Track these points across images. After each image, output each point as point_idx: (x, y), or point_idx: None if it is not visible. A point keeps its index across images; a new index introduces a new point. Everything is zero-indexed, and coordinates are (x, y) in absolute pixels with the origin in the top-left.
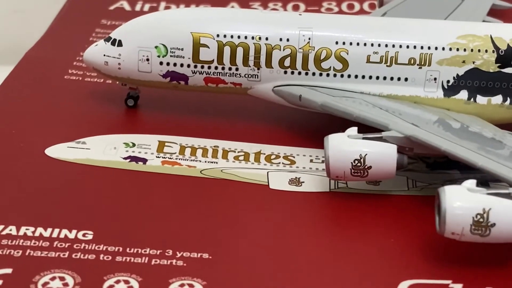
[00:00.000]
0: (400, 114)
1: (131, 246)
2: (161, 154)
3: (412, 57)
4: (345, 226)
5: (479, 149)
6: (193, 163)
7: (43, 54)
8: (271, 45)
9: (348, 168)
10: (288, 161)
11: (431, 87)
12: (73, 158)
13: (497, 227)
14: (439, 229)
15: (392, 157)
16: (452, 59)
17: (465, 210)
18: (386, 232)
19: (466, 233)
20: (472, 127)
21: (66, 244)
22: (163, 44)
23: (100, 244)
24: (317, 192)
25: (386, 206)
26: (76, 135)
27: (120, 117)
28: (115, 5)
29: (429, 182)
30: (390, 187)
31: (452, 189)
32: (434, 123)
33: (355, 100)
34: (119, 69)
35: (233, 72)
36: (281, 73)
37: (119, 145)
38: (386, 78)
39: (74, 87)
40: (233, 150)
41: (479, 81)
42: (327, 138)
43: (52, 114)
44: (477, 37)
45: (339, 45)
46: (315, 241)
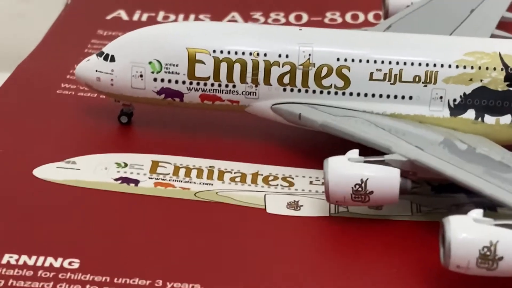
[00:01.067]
0: (403, 134)
1: (119, 276)
2: (154, 175)
3: (417, 75)
4: (345, 254)
5: (486, 173)
6: (187, 184)
7: (36, 66)
8: (269, 61)
9: (349, 193)
10: (286, 183)
11: (436, 106)
12: (62, 179)
13: (505, 261)
14: (443, 261)
15: (395, 182)
16: (459, 77)
17: (471, 243)
18: (389, 262)
19: (472, 266)
20: (479, 148)
21: (51, 274)
22: (157, 60)
23: (86, 273)
24: (316, 217)
25: (389, 233)
26: (66, 154)
27: (112, 135)
28: (112, 15)
29: (434, 206)
30: (392, 212)
31: (458, 220)
32: (439, 144)
33: (357, 120)
34: (112, 85)
35: (230, 89)
36: (280, 91)
37: (110, 165)
38: (390, 97)
39: (66, 102)
40: (230, 171)
41: (487, 100)
42: (326, 161)
43: (42, 131)
44: (485, 54)
45: (340, 61)
46: (313, 270)
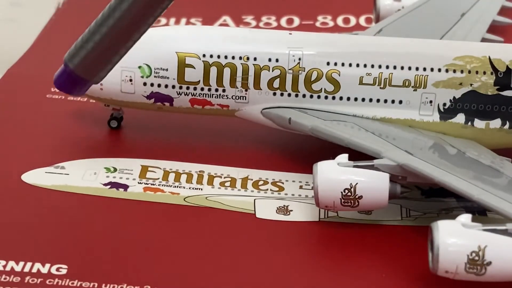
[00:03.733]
0: (393, 139)
1: (107, 282)
2: (144, 180)
3: (406, 79)
4: (334, 259)
5: (476, 178)
6: (177, 189)
7: (26, 70)
8: (259, 65)
9: (338, 198)
10: (276, 188)
11: (426, 110)
12: (51, 184)
13: (493, 266)
14: (432, 266)
15: (384, 186)
16: (449, 81)
17: (460, 248)
18: (378, 267)
19: (461, 271)
20: (468, 153)
21: (39, 280)
22: (146, 64)
23: (74, 279)
24: (306, 222)
25: (378, 237)
26: (55, 159)
27: (102, 139)
28: None
29: (424, 211)
30: (382, 217)
31: (446, 225)
32: (429, 149)
33: (346, 124)
34: (101, 89)
35: (220, 94)
36: (270, 95)
37: (99, 170)
38: (380, 101)
39: (55, 107)
40: (219, 176)
41: (477, 104)
42: (316, 166)
43: (31, 136)
44: (475, 59)
45: (330, 66)
46: (303, 274)
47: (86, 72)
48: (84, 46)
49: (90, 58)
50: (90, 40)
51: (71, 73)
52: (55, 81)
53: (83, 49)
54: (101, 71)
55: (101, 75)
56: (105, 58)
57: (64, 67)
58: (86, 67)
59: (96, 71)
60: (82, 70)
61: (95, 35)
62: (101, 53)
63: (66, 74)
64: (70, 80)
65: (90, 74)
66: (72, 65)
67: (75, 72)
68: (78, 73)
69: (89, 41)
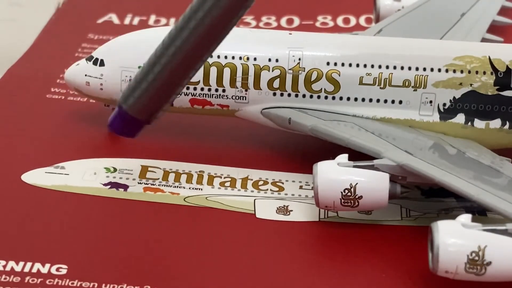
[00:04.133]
0: (393, 139)
1: (107, 281)
2: (144, 180)
3: (406, 79)
4: (334, 259)
5: (475, 178)
6: (177, 189)
7: (26, 70)
8: (259, 65)
9: (338, 198)
10: (276, 188)
11: (426, 110)
12: (51, 184)
13: (493, 266)
14: (432, 266)
15: (384, 186)
16: (449, 81)
17: (459, 248)
18: (378, 267)
19: (461, 271)
20: (468, 153)
21: (38, 280)
22: None
23: (74, 279)
24: (306, 222)
25: (378, 237)
26: (55, 159)
27: (102, 140)
28: (103, 18)
29: (424, 211)
30: (382, 217)
31: (446, 225)
32: (429, 149)
33: (346, 124)
34: (101, 89)
35: (220, 94)
36: (269, 95)
37: (99, 170)
38: (380, 101)
39: (55, 107)
40: (219, 176)
41: (476, 104)
42: (316, 166)
43: (31, 136)
44: (475, 59)
45: (330, 66)
46: (303, 275)
47: (140, 113)
48: (137, 86)
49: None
50: (144, 81)
51: (125, 114)
52: (111, 124)
53: (137, 90)
54: (156, 112)
55: (156, 115)
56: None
57: (119, 109)
58: (140, 108)
59: (151, 111)
60: (137, 111)
61: (149, 74)
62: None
63: (121, 116)
64: (124, 122)
65: (145, 115)
66: (126, 106)
67: (129, 114)
68: (133, 114)
69: (143, 81)
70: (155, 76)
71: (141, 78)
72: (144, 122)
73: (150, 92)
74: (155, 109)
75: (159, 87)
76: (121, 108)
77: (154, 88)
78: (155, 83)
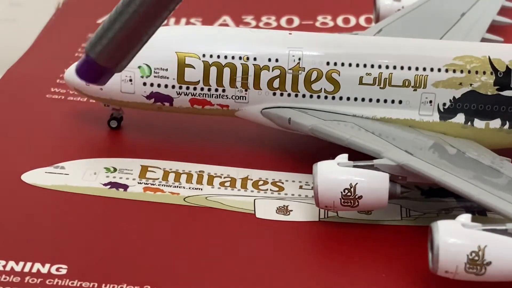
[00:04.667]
0: (393, 139)
1: (107, 282)
2: (143, 180)
3: (406, 79)
4: (334, 259)
5: (476, 178)
6: (177, 189)
7: (26, 70)
8: (259, 65)
9: (338, 198)
10: (276, 188)
11: (426, 110)
12: (51, 184)
13: (493, 266)
14: (432, 266)
15: (384, 186)
16: (449, 81)
17: (459, 248)
18: (378, 267)
19: (461, 271)
20: (468, 153)
21: (38, 280)
22: (146, 64)
23: (74, 279)
24: (306, 222)
25: (378, 237)
26: (55, 159)
27: (102, 140)
28: (103, 18)
29: (424, 211)
30: (382, 217)
31: (446, 225)
32: (429, 149)
33: (346, 124)
34: (101, 89)
35: (220, 94)
36: (269, 95)
37: (99, 170)
38: (380, 101)
39: (55, 107)
40: (219, 176)
41: (476, 104)
42: (315, 166)
43: (31, 136)
44: (475, 58)
45: (330, 66)
46: (303, 275)
47: (108, 61)
48: (104, 34)
49: (111, 47)
50: (110, 29)
51: (93, 62)
52: (77, 71)
53: (104, 38)
54: (123, 60)
55: (123, 64)
56: (126, 46)
57: (86, 56)
58: (107, 56)
59: (118, 60)
60: (104, 59)
61: (116, 23)
62: (122, 41)
63: (88, 64)
64: (92, 70)
65: (112, 63)
66: (93, 54)
67: (96, 62)
68: (100, 62)
69: (109, 30)
70: (122, 25)
71: (108, 27)
72: (111, 70)
73: (117, 40)
74: (121, 57)
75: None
76: (88, 56)
77: (121, 36)
78: (122, 31)
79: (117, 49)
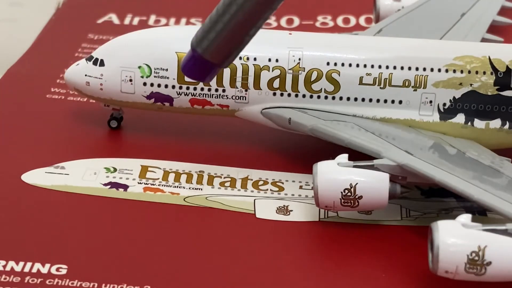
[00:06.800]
0: (393, 139)
1: (107, 282)
2: (144, 180)
3: (406, 79)
4: (334, 259)
5: (475, 178)
6: (177, 189)
7: (26, 70)
8: (259, 65)
9: (338, 198)
10: (276, 188)
11: (426, 110)
12: (50, 184)
13: (493, 266)
14: (432, 266)
15: (384, 186)
16: (449, 81)
17: (459, 248)
18: (378, 267)
19: (461, 271)
20: (468, 153)
21: (38, 280)
22: (146, 64)
23: (74, 279)
24: (306, 222)
25: (378, 237)
26: (55, 159)
27: (102, 140)
28: (103, 18)
29: (424, 211)
30: (382, 217)
31: (446, 225)
32: (429, 149)
33: (346, 124)
34: (101, 90)
35: (220, 94)
36: (270, 95)
37: (99, 170)
38: (380, 101)
39: (55, 107)
40: (219, 176)
41: (476, 104)
42: (315, 166)
43: (31, 136)
44: (475, 59)
45: (330, 66)
46: (303, 274)
47: (215, 56)
48: (212, 28)
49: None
50: (218, 22)
51: (200, 58)
52: (183, 68)
53: (211, 32)
54: (230, 55)
55: (230, 59)
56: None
57: (192, 52)
58: (215, 51)
59: (226, 54)
60: (211, 54)
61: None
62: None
63: (194, 60)
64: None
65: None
66: (200, 49)
67: (203, 57)
68: (207, 57)
69: (217, 23)
70: (231, 16)
71: (216, 20)
72: (218, 66)
73: (226, 33)
74: (229, 52)
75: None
76: (195, 51)
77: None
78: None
79: (225, 43)
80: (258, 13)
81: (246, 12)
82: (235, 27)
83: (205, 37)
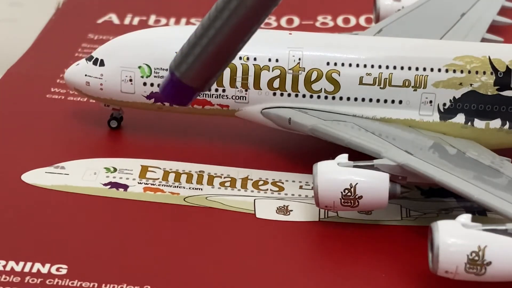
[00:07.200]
0: (393, 139)
1: (107, 282)
2: (144, 180)
3: (406, 79)
4: (334, 259)
5: (476, 178)
6: (177, 189)
7: (26, 70)
8: (259, 65)
9: (338, 198)
10: (276, 188)
11: (426, 110)
12: (50, 184)
13: (493, 266)
14: (432, 266)
15: (384, 186)
16: (449, 81)
17: (459, 248)
18: (378, 267)
19: (461, 271)
20: (468, 153)
21: (38, 280)
22: (147, 64)
23: (74, 279)
24: (306, 222)
25: (378, 237)
26: (55, 159)
27: (102, 140)
28: (103, 18)
29: (424, 211)
30: (382, 217)
31: (446, 225)
32: (429, 149)
33: (346, 124)
34: (101, 89)
35: (220, 94)
36: (270, 95)
37: (99, 170)
38: (380, 101)
39: (55, 107)
40: (219, 176)
41: (476, 104)
42: (316, 166)
43: (31, 136)
44: (475, 59)
45: (330, 66)
46: (303, 275)
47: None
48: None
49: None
50: (197, 45)
51: (178, 81)
52: (162, 91)
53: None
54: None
55: (210, 83)
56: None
57: (171, 76)
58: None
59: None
60: (190, 79)
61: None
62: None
63: (172, 84)
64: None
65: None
66: (179, 73)
67: (182, 81)
68: (186, 82)
69: (195, 46)
70: (209, 40)
71: (195, 43)
72: (197, 90)
73: (205, 57)
74: (209, 76)
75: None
76: (173, 75)
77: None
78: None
79: (204, 67)
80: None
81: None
82: (214, 51)
83: (183, 61)
